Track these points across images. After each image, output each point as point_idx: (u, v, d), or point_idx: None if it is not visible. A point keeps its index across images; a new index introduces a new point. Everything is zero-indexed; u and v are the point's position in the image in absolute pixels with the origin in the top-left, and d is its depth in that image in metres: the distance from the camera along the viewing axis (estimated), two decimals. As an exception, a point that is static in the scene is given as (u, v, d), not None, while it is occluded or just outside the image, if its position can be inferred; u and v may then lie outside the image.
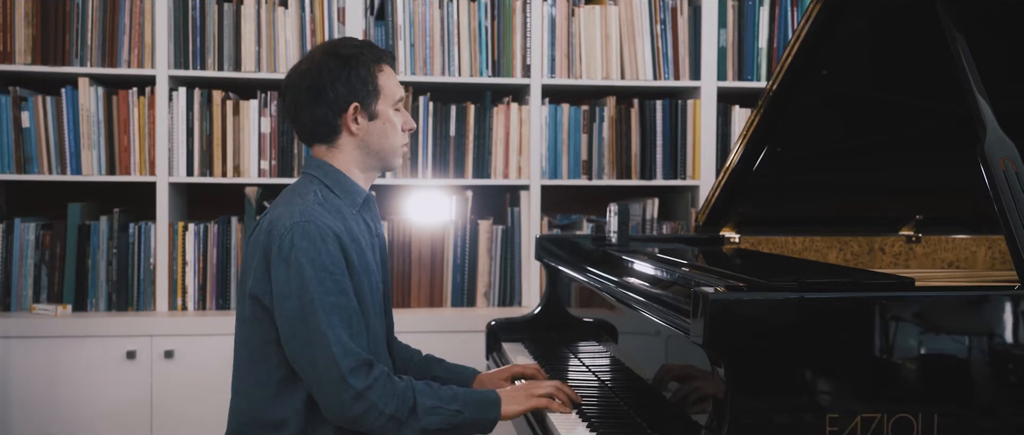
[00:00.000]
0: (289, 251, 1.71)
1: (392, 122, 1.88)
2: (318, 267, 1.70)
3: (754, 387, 1.34)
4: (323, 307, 1.69)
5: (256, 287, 1.75)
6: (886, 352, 1.36)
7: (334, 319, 1.69)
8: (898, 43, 2.09)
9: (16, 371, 2.85)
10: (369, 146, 1.87)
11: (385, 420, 1.69)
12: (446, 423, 1.72)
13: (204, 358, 2.89)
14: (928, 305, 1.38)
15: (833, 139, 2.36)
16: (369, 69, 1.84)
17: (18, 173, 2.97)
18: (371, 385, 1.68)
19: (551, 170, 3.16)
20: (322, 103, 1.82)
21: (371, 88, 1.84)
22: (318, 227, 1.73)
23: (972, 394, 1.38)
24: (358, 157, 1.88)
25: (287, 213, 1.76)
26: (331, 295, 1.70)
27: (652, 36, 3.17)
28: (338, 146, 1.87)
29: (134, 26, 2.98)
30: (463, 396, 1.77)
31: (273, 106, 3.05)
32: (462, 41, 3.10)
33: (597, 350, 2.17)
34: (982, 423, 1.36)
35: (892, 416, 1.32)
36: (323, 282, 1.70)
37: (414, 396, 1.71)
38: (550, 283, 2.55)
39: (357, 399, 1.67)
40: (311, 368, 1.70)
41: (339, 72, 1.82)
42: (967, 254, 2.58)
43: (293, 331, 1.70)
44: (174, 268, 3.02)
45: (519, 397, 1.81)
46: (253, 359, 1.80)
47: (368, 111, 1.85)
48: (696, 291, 1.33)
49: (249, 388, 1.81)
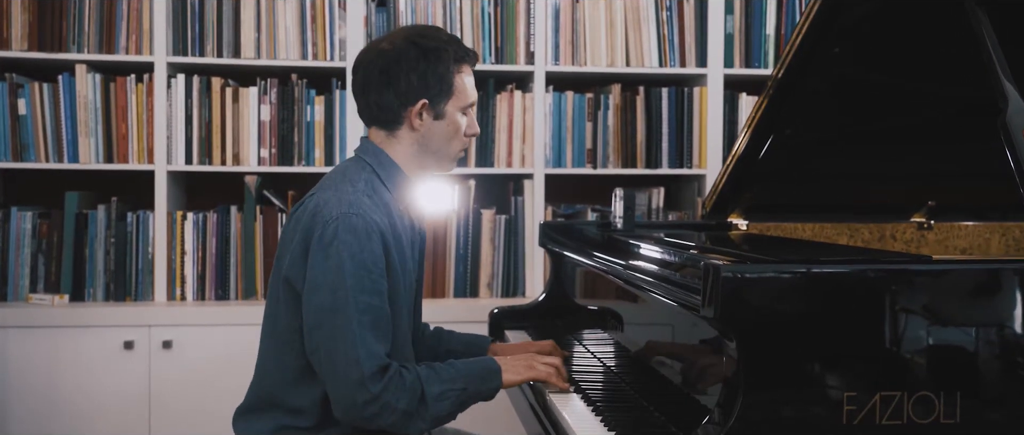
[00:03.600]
0: (331, 241, 1.64)
1: (457, 125, 1.80)
2: (358, 264, 1.64)
3: (767, 365, 1.29)
4: (357, 305, 1.63)
5: (291, 270, 1.69)
6: (905, 329, 1.31)
7: (365, 320, 1.63)
8: (911, 24, 2.05)
9: (13, 361, 2.81)
10: (428, 145, 1.80)
11: (398, 416, 1.64)
12: (453, 405, 1.69)
13: (203, 349, 2.85)
14: (947, 279, 1.33)
15: (843, 124, 2.33)
16: (448, 67, 1.77)
17: (15, 161, 2.93)
18: (386, 386, 1.63)
19: (555, 159, 3.11)
20: (391, 90, 1.75)
21: (445, 87, 1.77)
22: (365, 222, 1.66)
23: (995, 372, 1.33)
24: (414, 153, 1.81)
25: (335, 200, 1.69)
26: (366, 295, 1.64)
27: (658, 22, 3.12)
28: (396, 136, 1.80)
29: (132, 12, 2.94)
30: (465, 371, 1.73)
31: (273, 93, 3.01)
32: (465, 27, 3.06)
33: (601, 337, 2.12)
34: (1006, 401, 1.31)
35: (912, 395, 1.27)
36: (361, 280, 1.64)
37: (422, 387, 1.66)
38: (554, 270, 2.50)
39: (371, 402, 1.62)
40: (329, 363, 1.64)
41: (417, 63, 1.75)
42: (980, 241, 2.53)
43: (318, 322, 1.64)
44: (173, 258, 2.98)
45: (519, 367, 1.78)
46: (276, 342, 1.75)
47: (436, 110, 1.78)
48: (707, 263, 1.28)
49: (270, 371, 1.77)
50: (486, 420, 2.80)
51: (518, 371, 1.77)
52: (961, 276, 1.36)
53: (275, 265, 1.78)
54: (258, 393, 1.80)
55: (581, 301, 2.33)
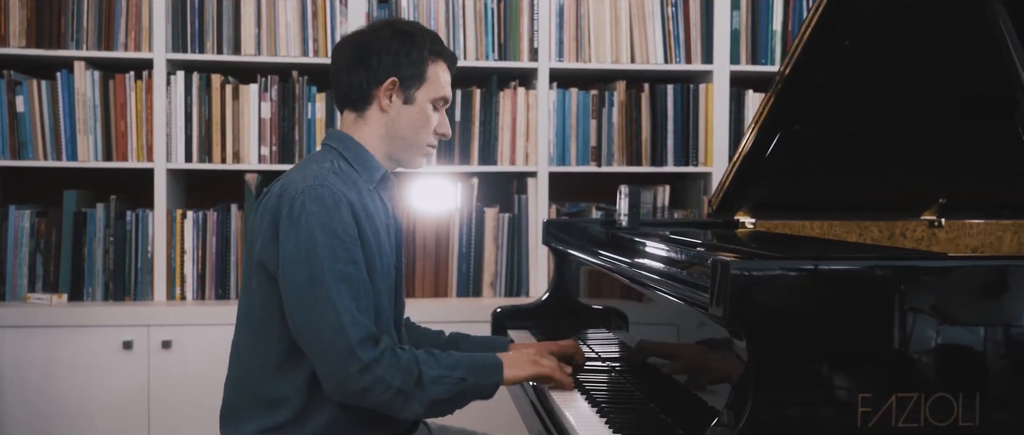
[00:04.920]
0: (300, 215, 1.63)
1: (427, 114, 1.79)
2: (329, 233, 1.62)
3: (778, 365, 1.25)
4: (333, 274, 1.60)
5: (263, 253, 1.67)
6: (920, 328, 1.27)
7: (343, 288, 1.61)
8: (923, 18, 2.02)
9: (11, 361, 2.78)
10: (396, 129, 1.79)
11: (392, 394, 1.60)
12: (451, 392, 1.65)
13: (202, 348, 2.81)
14: (962, 276, 1.29)
15: (852, 120, 2.29)
16: (422, 54, 1.77)
17: (12, 159, 2.90)
18: (378, 358, 1.59)
19: (559, 156, 3.08)
20: (362, 67, 1.75)
21: (417, 72, 1.77)
22: (332, 192, 1.65)
23: (1015, 372, 1.29)
24: (382, 136, 1.80)
25: (300, 178, 1.69)
26: (341, 263, 1.62)
27: (663, 18, 3.08)
28: (365, 118, 1.79)
29: (131, 8, 2.91)
30: (466, 362, 1.69)
31: (274, 91, 2.97)
32: (467, 23, 3.02)
33: (606, 337, 2.09)
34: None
35: (930, 396, 1.23)
36: (334, 249, 1.61)
37: (419, 367, 1.63)
38: (558, 269, 2.46)
39: (363, 372, 1.58)
40: (316, 338, 1.60)
41: (390, 44, 1.75)
42: (992, 239, 2.49)
43: (298, 299, 1.61)
44: (172, 257, 2.95)
45: (522, 363, 1.74)
46: (254, 331, 1.71)
47: (406, 93, 1.77)
48: (716, 260, 1.25)
49: (249, 362, 1.72)
50: (488, 420, 2.76)
51: (521, 367, 1.73)
52: (976, 273, 1.32)
53: (245, 258, 1.77)
54: (236, 393, 1.75)
55: (585, 300, 2.29)
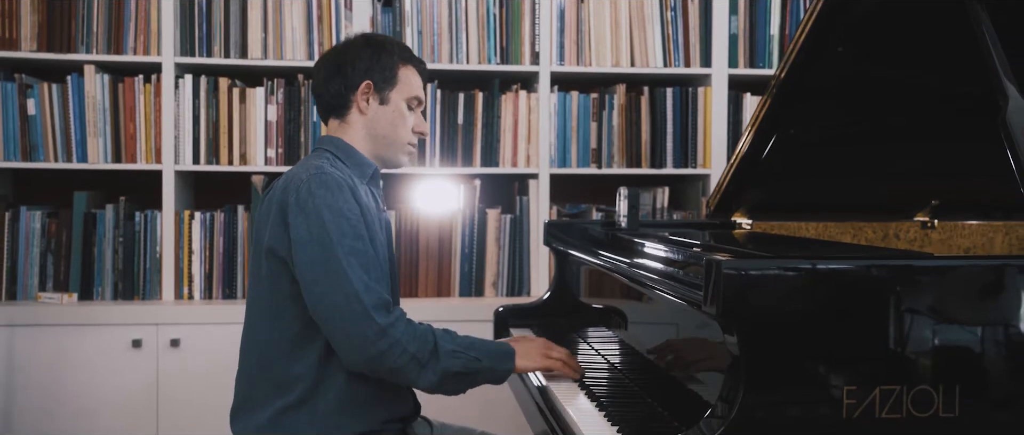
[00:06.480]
0: (307, 199, 1.73)
1: (402, 112, 1.92)
2: (336, 213, 1.72)
3: (769, 360, 1.30)
4: (342, 249, 1.70)
5: (273, 240, 1.76)
6: (905, 324, 1.32)
7: (353, 261, 1.70)
8: (914, 22, 2.05)
9: (22, 359, 2.83)
10: (376, 129, 1.91)
11: (408, 359, 1.68)
12: (465, 368, 1.73)
13: (210, 347, 2.86)
14: (949, 275, 1.34)
15: (847, 123, 2.33)
16: (392, 59, 1.91)
17: (24, 161, 2.96)
18: (393, 323, 1.69)
19: (560, 158, 3.12)
20: (339, 76, 1.90)
21: (389, 75, 1.90)
22: (334, 177, 1.76)
23: (994, 367, 1.34)
24: (364, 136, 1.92)
25: (302, 170, 1.79)
26: (349, 238, 1.71)
27: (662, 23, 3.13)
28: (348, 122, 1.92)
29: (140, 13, 2.96)
30: (481, 345, 1.79)
31: (280, 94, 3.02)
32: (470, 27, 3.07)
33: (606, 335, 2.13)
34: (1004, 397, 1.32)
35: (911, 389, 1.29)
36: (341, 226, 1.71)
37: (435, 339, 1.73)
38: (559, 269, 2.51)
39: (381, 335, 1.67)
40: (333, 310, 1.68)
41: (362, 52, 1.90)
42: (984, 240, 2.53)
43: (313, 276, 1.70)
44: (180, 257, 3.00)
45: (534, 354, 1.84)
46: (267, 315, 1.79)
47: (380, 95, 1.90)
48: (709, 259, 1.30)
49: (262, 346, 1.80)
50: (491, 417, 2.82)
51: (533, 359, 1.84)
52: (962, 272, 1.36)
53: (252, 249, 1.86)
54: (249, 381, 1.82)
55: (586, 299, 2.34)
